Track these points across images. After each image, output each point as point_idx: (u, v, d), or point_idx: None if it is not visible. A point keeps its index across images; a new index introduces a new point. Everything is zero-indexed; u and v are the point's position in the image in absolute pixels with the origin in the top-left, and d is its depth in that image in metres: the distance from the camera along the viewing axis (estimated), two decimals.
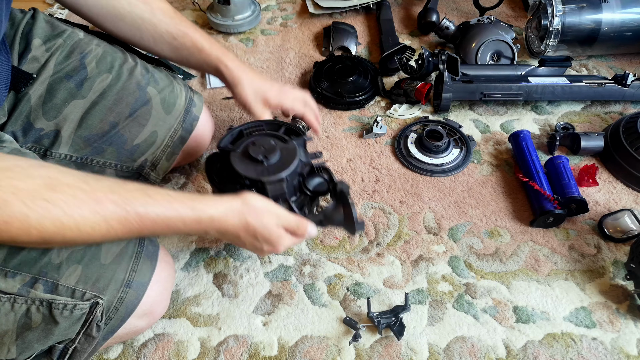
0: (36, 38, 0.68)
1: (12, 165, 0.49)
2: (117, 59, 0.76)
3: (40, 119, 0.67)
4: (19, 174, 0.48)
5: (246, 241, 0.63)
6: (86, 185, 0.51)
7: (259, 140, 0.71)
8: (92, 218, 0.50)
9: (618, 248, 0.84)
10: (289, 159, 0.69)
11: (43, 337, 0.55)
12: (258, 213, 0.62)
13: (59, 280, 0.55)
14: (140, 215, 0.53)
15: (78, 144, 0.71)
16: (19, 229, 0.47)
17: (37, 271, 0.55)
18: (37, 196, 0.47)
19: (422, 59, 1.06)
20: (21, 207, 0.47)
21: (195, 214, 0.57)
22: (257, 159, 0.68)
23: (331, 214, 0.70)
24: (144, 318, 0.65)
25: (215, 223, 0.59)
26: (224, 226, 0.60)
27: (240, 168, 0.68)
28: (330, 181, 0.74)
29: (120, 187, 0.54)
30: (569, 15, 1.09)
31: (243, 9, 1.30)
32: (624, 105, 1.08)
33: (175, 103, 0.81)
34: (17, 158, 0.51)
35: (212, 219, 0.59)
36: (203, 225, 0.59)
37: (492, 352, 0.72)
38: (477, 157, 1.00)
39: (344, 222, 0.70)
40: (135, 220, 0.53)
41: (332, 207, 0.71)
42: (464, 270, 0.82)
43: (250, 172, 0.67)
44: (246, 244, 0.64)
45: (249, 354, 0.73)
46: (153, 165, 0.80)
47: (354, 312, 0.77)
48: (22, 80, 0.65)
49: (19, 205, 0.47)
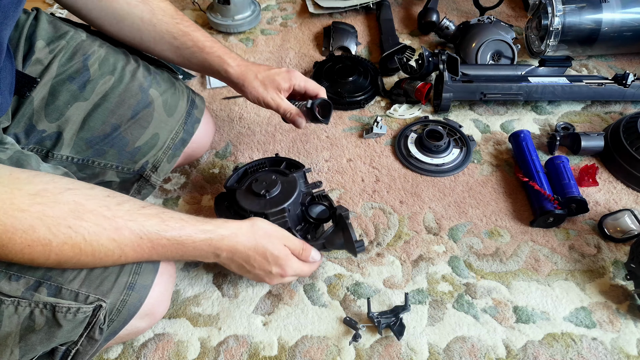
0: (40, 40, 0.68)
1: (42, 190, 0.51)
2: (120, 60, 0.76)
3: (42, 120, 0.67)
4: (48, 200, 0.50)
5: (255, 263, 0.65)
6: (108, 211, 0.54)
7: (261, 176, 0.78)
8: (108, 245, 0.54)
9: (618, 248, 0.84)
10: (290, 191, 0.76)
11: (46, 339, 0.55)
12: (267, 233, 0.66)
13: (62, 284, 0.55)
14: (152, 242, 0.57)
15: (80, 145, 0.71)
16: (40, 253, 0.50)
17: (41, 274, 0.55)
18: (62, 223, 0.50)
19: (422, 59, 1.06)
20: (46, 232, 0.49)
21: (206, 235, 0.61)
22: (260, 193, 0.75)
23: (332, 238, 0.76)
24: (145, 319, 0.65)
25: (225, 241, 0.62)
26: (234, 245, 0.63)
27: (245, 203, 0.75)
28: (330, 207, 0.81)
29: (139, 212, 0.57)
30: (569, 15, 1.09)
31: (243, 8, 1.30)
32: (624, 105, 1.08)
33: (177, 105, 0.81)
34: (46, 180, 0.53)
35: (223, 237, 0.62)
36: (213, 245, 0.62)
37: (492, 352, 0.72)
38: (477, 157, 1.00)
39: (345, 245, 0.75)
40: (148, 246, 0.57)
41: (332, 231, 0.76)
42: (464, 270, 0.82)
43: (254, 206, 0.74)
44: (255, 267, 0.66)
45: (249, 354, 0.73)
46: (154, 167, 0.80)
47: (354, 312, 0.77)
48: (27, 85, 0.65)
49: (44, 231, 0.49)
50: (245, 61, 0.81)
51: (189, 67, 0.83)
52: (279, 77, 0.80)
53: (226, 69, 0.79)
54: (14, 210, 0.48)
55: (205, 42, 0.78)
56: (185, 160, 0.92)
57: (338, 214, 0.75)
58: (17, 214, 0.48)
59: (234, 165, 0.96)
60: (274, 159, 0.87)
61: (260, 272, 0.67)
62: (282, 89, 0.80)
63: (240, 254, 0.64)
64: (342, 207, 0.76)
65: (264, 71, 0.80)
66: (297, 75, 0.81)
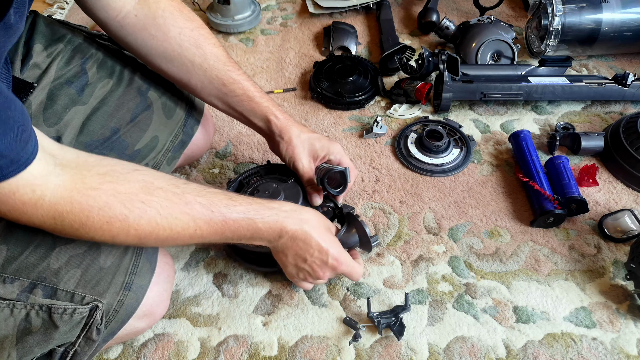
0: (37, 44, 0.67)
1: (110, 171, 0.53)
2: (118, 63, 0.76)
3: (40, 125, 0.66)
4: (118, 178, 0.53)
5: (314, 250, 0.65)
6: (177, 189, 0.56)
7: (261, 186, 0.76)
8: (182, 218, 0.56)
9: (618, 248, 0.84)
10: (294, 198, 0.75)
11: (43, 341, 0.55)
12: (326, 226, 0.69)
13: (58, 285, 0.55)
14: (224, 216, 0.58)
15: (79, 149, 0.71)
16: (119, 229, 0.52)
17: (36, 276, 0.55)
18: (135, 199, 0.53)
19: (422, 58, 1.06)
20: (121, 208, 0.52)
21: (272, 212, 0.63)
22: None
23: (345, 238, 0.73)
24: (144, 319, 0.65)
25: (294, 214, 0.64)
26: (304, 217, 0.64)
27: None
28: (335, 208, 0.79)
29: (206, 190, 0.59)
30: (569, 15, 1.09)
31: (243, 8, 1.30)
32: (624, 105, 1.08)
33: (176, 107, 0.81)
34: (113, 163, 0.55)
35: (287, 212, 0.64)
36: (280, 223, 0.63)
37: (492, 352, 0.72)
38: (477, 157, 1.00)
39: (360, 242, 0.74)
40: (220, 220, 0.58)
41: (344, 231, 0.74)
42: (464, 270, 0.82)
43: None
44: (313, 255, 0.66)
45: (249, 354, 0.73)
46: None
47: (354, 312, 0.77)
48: (23, 90, 0.64)
49: (119, 207, 0.51)
50: (292, 118, 0.79)
51: (231, 114, 0.80)
52: (318, 144, 0.78)
53: (271, 119, 0.77)
54: (87, 189, 0.50)
55: (255, 92, 0.77)
56: (185, 161, 0.92)
57: (346, 212, 0.74)
58: (91, 192, 0.50)
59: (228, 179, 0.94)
60: (267, 166, 0.84)
61: (316, 260, 0.66)
62: (317, 157, 0.78)
63: (304, 237, 0.64)
64: (348, 205, 0.75)
65: (307, 132, 0.78)
66: (336, 148, 0.79)
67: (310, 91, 1.14)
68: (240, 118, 0.80)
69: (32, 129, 0.48)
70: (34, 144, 0.47)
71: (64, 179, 0.49)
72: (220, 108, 0.79)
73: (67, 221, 0.50)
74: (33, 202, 0.48)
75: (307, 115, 1.10)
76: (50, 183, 0.48)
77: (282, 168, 0.83)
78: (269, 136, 0.79)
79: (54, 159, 0.50)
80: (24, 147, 0.46)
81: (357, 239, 0.74)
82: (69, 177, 0.50)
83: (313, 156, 0.78)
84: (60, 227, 0.51)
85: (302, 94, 1.15)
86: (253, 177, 0.83)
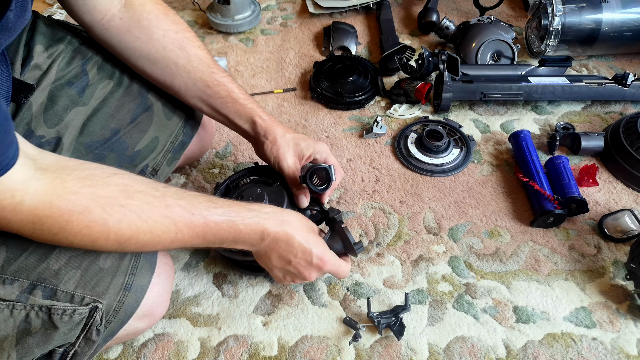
0: (38, 44, 0.67)
1: (90, 175, 0.52)
2: (118, 64, 0.75)
3: (41, 126, 0.66)
4: (97, 182, 0.52)
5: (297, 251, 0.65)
6: (157, 192, 0.56)
7: (246, 191, 0.75)
8: (163, 222, 0.55)
9: (618, 248, 0.84)
10: (278, 201, 0.74)
11: (43, 342, 0.55)
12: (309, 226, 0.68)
13: (57, 286, 0.55)
14: (205, 218, 0.58)
15: (79, 150, 0.71)
16: (99, 233, 0.52)
17: (35, 277, 0.55)
18: (115, 202, 0.52)
19: (422, 58, 1.06)
20: (101, 212, 0.51)
21: (253, 213, 0.62)
22: None
23: (330, 243, 0.72)
24: (144, 319, 0.65)
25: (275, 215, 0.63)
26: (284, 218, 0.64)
27: None
28: (321, 211, 0.77)
29: (187, 193, 0.58)
30: (569, 15, 1.09)
31: (243, 8, 1.30)
32: (624, 105, 1.08)
33: (176, 108, 0.81)
34: (93, 167, 0.54)
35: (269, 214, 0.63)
36: (261, 225, 0.62)
37: (492, 352, 0.72)
38: (477, 157, 1.00)
39: (344, 248, 0.72)
40: (201, 222, 0.57)
41: (329, 236, 0.73)
42: (464, 270, 0.82)
43: None
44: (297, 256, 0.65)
45: (249, 354, 0.73)
46: (154, 171, 0.79)
47: (354, 312, 0.77)
48: (23, 92, 0.64)
49: (99, 212, 0.51)
50: (276, 119, 0.79)
51: (215, 117, 0.79)
52: (303, 143, 0.77)
53: (256, 120, 0.76)
54: (66, 194, 0.49)
55: (240, 94, 0.76)
56: (185, 161, 0.92)
57: (331, 217, 0.72)
58: (70, 196, 0.50)
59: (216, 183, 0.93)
60: (254, 168, 0.83)
61: (300, 261, 0.65)
62: (303, 156, 0.77)
63: (285, 238, 0.63)
64: (334, 209, 0.73)
65: (292, 132, 0.78)
66: (322, 147, 0.78)
67: (310, 91, 1.14)
68: (224, 121, 0.79)
69: (14, 133, 0.47)
70: (15, 149, 0.47)
71: (44, 183, 0.49)
72: (204, 111, 0.78)
73: (46, 226, 0.50)
74: (12, 208, 0.47)
75: (307, 115, 1.10)
76: (30, 188, 0.48)
77: (269, 170, 0.81)
78: (254, 138, 0.79)
79: (34, 163, 0.49)
80: (5, 151, 0.45)
81: (342, 246, 0.72)
82: (49, 181, 0.49)
83: (298, 155, 0.77)
84: (39, 232, 0.50)
85: (302, 94, 1.15)
86: (239, 180, 0.82)
